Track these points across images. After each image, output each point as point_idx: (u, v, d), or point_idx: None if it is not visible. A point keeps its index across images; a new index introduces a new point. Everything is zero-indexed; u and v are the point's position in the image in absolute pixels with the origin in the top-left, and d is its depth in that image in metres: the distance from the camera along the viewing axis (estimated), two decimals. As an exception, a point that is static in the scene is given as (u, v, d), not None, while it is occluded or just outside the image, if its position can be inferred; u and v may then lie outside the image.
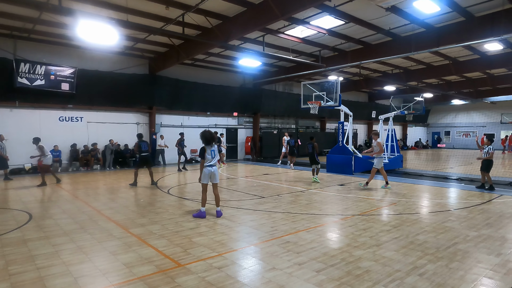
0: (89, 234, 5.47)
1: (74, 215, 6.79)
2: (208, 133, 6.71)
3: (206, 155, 6.57)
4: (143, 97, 17.09)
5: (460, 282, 3.71)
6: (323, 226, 6.07)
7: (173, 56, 15.48)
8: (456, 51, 16.11)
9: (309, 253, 4.61)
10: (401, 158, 15.72)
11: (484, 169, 9.74)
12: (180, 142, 15.02)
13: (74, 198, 8.68)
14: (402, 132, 35.99)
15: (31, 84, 13.62)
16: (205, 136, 6.64)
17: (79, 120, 15.52)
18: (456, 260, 4.38)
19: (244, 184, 11.19)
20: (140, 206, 7.70)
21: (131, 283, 3.68)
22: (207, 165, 6.58)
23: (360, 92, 29.62)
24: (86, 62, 15.39)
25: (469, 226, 5.98)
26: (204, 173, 6.57)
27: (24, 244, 4.97)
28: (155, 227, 5.88)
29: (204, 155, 6.56)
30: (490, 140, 9.88)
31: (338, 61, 16.27)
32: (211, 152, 6.64)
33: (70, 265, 4.19)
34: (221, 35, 12.18)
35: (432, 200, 8.53)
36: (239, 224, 6.13)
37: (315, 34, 13.59)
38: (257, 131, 22.22)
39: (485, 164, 9.73)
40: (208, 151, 6.59)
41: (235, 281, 3.74)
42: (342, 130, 14.07)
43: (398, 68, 20.19)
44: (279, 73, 20.13)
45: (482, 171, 9.86)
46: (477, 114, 35.18)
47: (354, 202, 8.07)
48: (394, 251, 4.68)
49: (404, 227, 5.91)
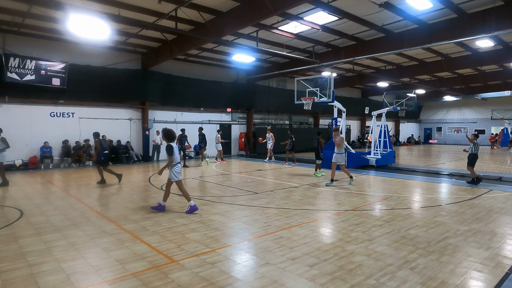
0: (81, 231, 5.44)
1: (66, 211, 6.73)
2: (171, 130, 6.77)
3: (175, 152, 6.58)
4: (135, 93, 16.93)
5: (450, 276, 3.77)
6: (316, 221, 6.11)
7: (166, 51, 15.35)
8: (448, 48, 16.24)
9: (302, 248, 4.64)
10: (393, 154, 15.86)
11: (471, 162, 10.10)
12: (180, 139, 14.94)
13: (66, 194, 8.60)
14: (395, 128, 36.29)
15: (21, 79, 13.40)
16: (169, 133, 6.68)
17: (70, 116, 15.33)
18: (447, 254, 4.45)
19: (237, 180, 11.19)
20: (133, 202, 7.66)
21: (124, 279, 3.67)
22: (177, 163, 6.66)
23: (353, 88, 29.75)
24: (77, 57, 15.18)
25: (459, 220, 6.08)
26: (177, 170, 6.63)
27: (15, 241, 4.91)
28: (148, 223, 5.86)
29: (173, 152, 6.54)
30: (476, 136, 10.25)
31: (331, 57, 16.30)
32: (176, 149, 6.68)
33: (62, 261, 4.16)
34: (215, 30, 12.11)
35: (423, 195, 8.64)
36: (232, 220, 6.13)
37: (309, 30, 13.59)
38: (250, 127, 22.21)
39: (471, 159, 10.11)
40: (175, 148, 6.61)
41: (228, 277, 3.75)
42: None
43: (391, 64, 20.30)
44: (272, 69, 20.10)
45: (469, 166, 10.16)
46: (468, 110, 35.60)
47: (347, 198, 8.13)
48: (386, 246, 4.73)
49: (396, 222, 5.98)
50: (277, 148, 21.09)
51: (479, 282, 3.65)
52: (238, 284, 3.57)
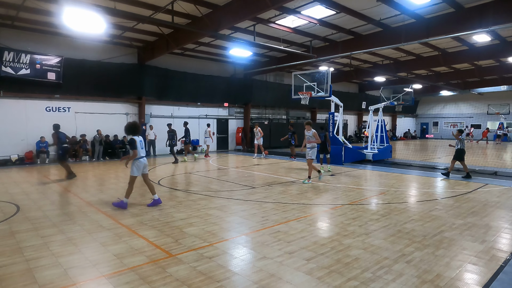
0: (78, 226, 5.43)
1: (63, 206, 6.72)
2: (134, 123, 6.69)
3: (138, 147, 6.49)
4: (132, 87, 16.83)
5: (446, 269, 3.82)
6: (314, 215, 6.14)
7: (162, 45, 15.24)
8: (445, 42, 16.24)
9: (299, 242, 4.67)
10: (390, 149, 15.92)
11: (457, 157, 10.37)
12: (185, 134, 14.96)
13: (62, 189, 8.58)
14: (392, 122, 36.40)
15: (16, 73, 13.27)
16: (132, 126, 6.58)
17: (66, 111, 15.22)
18: (442, 247, 4.49)
19: (235, 174, 11.20)
20: (130, 197, 7.63)
21: (122, 273, 3.68)
22: (140, 157, 6.55)
23: (350, 83, 29.75)
24: (73, 51, 15.03)
25: (455, 214, 6.13)
26: (138, 166, 6.52)
27: (12, 236, 4.90)
28: (146, 218, 5.87)
29: (136, 146, 6.44)
30: (460, 132, 10.56)
31: (329, 51, 16.26)
32: (140, 143, 6.58)
33: (60, 256, 4.16)
34: (211, 24, 12.02)
35: (420, 190, 8.69)
36: (230, 214, 6.15)
37: (306, 24, 13.52)
38: (248, 122, 22.18)
39: (458, 153, 10.36)
40: (137, 142, 6.50)
41: (226, 270, 3.77)
42: (332, 121, 14.14)
43: (388, 59, 20.28)
44: (270, 63, 20.04)
45: (455, 160, 10.46)
46: (465, 105, 35.76)
47: (344, 192, 8.17)
48: (382, 240, 4.77)
49: (392, 216, 6.02)
50: (277, 144, 21.13)
51: (474, 275, 3.69)
52: (236, 278, 3.59)
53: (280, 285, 3.43)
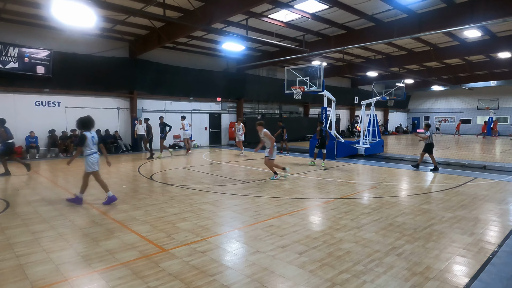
0: (69, 221, 5.38)
1: (54, 202, 6.65)
2: (87, 118, 6.47)
3: (88, 142, 6.31)
4: (123, 82, 16.64)
5: (435, 261, 3.88)
6: (306, 209, 6.18)
7: (154, 39, 15.05)
8: (436, 37, 16.36)
9: (292, 236, 4.70)
10: (382, 143, 16.06)
11: (426, 150, 10.79)
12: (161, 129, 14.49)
13: (53, 185, 8.48)
14: (384, 117, 36.68)
15: (4, 67, 13.00)
16: (83, 121, 6.38)
17: (56, 105, 14.99)
18: (432, 240, 4.56)
19: (227, 169, 11.20)
20: (122, 192, 7.60)
21: (115, 268, 3.67)
22: (93, 153, 6.40)
23: (343, 77, 29.85)
24: (63, 44, 14.76)
25: (445, 208, 6.23)
26: (92, 161, 6.37)
27: (1, 232, 4.84)
28: (138, 213, 5.84)
29: (84, 143, 6.27)
30: (428, 126, 11.05)
31: (321, 46, 16.26)
32: (92, 139, 6.41)
33: (51, 252, 4.13)
34: (204, 17, 11.91)
35: (411, 184, 8.80)
36: (223, 209, 6.16)
37: (299, 18, 13.49)
38: (241, 117, 22.11)
39: (427, 146, 10.75)
40: (89, 138, 6.34)
41: (219, 265, 3.78)
42: (325, 116, 14.19)
43: (380, 54, 20.37)
44: (262, 57, 19.98)
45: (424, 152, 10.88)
46: (455, 100, 36.16)
47: (336, 186, 8.23)
48: (373, 233, 4.83)
49: (383, 209, 6.10)
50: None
51: (463, 266, 3.77)
52: (229, 272, 3.61)
53: (273, 279, 3.45)
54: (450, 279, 3.47)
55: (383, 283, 3.37)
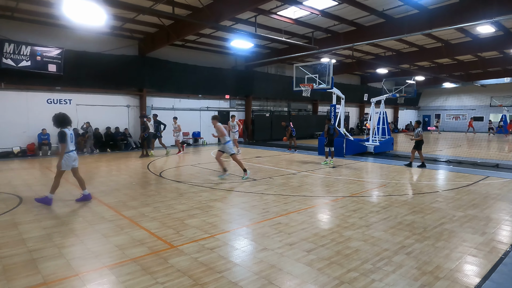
0: (80, 217, 5.47)
1: (65, 198, 6.76)
2: (63, 114, 6.34)
3: (68, 140, 6.22)
4: (133, 79, 16.78)
5: (446, 260, 3.83)
6: (314, 207, 6.16)
7: (163, 37, 15.14)
8: (448, 34, 16.07)
9: (300, 233, 4.69)
10: (391, 141, 15.89)
11: (416, 147, 10.98)
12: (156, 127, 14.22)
13: (64, 181, 8.60)
14: (393, 115, 36.25)
15: (17, 65, 13.23)
16: (60, 117, 6.25)
17: (67, 103, 15.21)
18: (442, 239, 4.50)
19: (236, 166, 11.20)
20: (132, 189, 7.69)
21: (124, 264, 3.71)
22: (69, 151, 6.28)
23: (352, 74, 29.57)
24: (73, 42, 14.95)
25: (455, 206, 6.14)
26: (68, 160, 6.22)
27: (14, 227, 4.94)
28: (147, 210, 5.90)
29: (65, 139, 6.14)
30: (418, 123, 11.31)
31: (331, 43, 16.13)
32: (70, 136, 6.32)
33: (62, 247, 4.20)
34: (212, 15, 11.91)
35: (421, 182, 8.69)
36: (231, 206, 6.18)
37: (308, 15, 13.39)
38: (249, 114, 22.14)
39: (417, 143, 10.96)
40: (68, 135, 6.24)
41: (227, 262, 3.80)
42: (334, 113, 14.09)
43: (390, 50, 20.12)
44: (271, 55, 19.91)
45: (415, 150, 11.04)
46: (467, 97, 35.54)
47: (345, 184, 8.18)
48: (382, 231, 4.79)
49: (393, 208, 6.04)
50: (278, 136, 21.18)
51: (474, 266, 3.71)
52: (237, 269, 3.62)
53: (281, 276, 3.45)
54: (461, 279, 3.42)
55: (392, 282, 3.34)
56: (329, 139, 11.61)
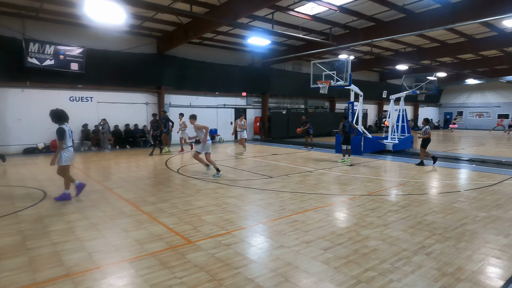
0: (101, 212, 5.62)
1: (86, 193, 6.95)
2: (60, 110, 6.31)
3: (67, 136, 6.23)
4: (151, 77, 17.06)
5: (467, 262, 3.73)
6: (331, 205, 6.11)
7: (181, 35, 15.29)
8: (472, 28, 15.54)
9: (316, 232, 4.67)
10: (411, 139, 15.54)
11: (423, 145, 10.88)
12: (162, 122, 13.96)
13: (86, 176, 8.87)
14: (413, 112, 35.40)
15: (41, 64, 13.68)
16: (57, 113, 6.22)
17: (89, 100, 15.62)
18: (464, 240, 4.38)
19: (252, 164, 11.25)
20: (150, 185, 7.84)
21: (143, 258, 3.80)
22: (68, 147, 6.28)
23: (371, 71, 29.06)
24: (94, 41, 15.32)
25: (478, 207, 5.95)
26: (67, 155, 6.23)
27: (39, 221, 5.13)
28: (165, 205, 6.00)
29: (64, 136, 6.12)
30: (426, 121, 11.35)
31: (349, 39, 15.88)
32: (68, 132, 6.31)
33: (84, 240, 4.33)
34: (229, 12, 11.94)
35: (441, 181, 8.47)
36: (247, 203, 6.21)
37: (326, 10, 13.23)
38: (265, 111, 22.12)
39: (423, 141, 10.88)
40: (67, 131, 6.24)
41: (243, 258, 3.83)
42: (352, 111, 13.90)
43: (411, 46, 19.63)
44: (288, 52, 19.79)
45: (422, 148, 10.90)
46: (492, 94, 34.30)
47: (363, 183, 8.07)
48: (401, 231, 4.70)
49: (412, 207, 5.91)
50: (294, 134, 21.06)
51: (497, 268, 3.60)
52: (253, 266, 3.64)
53: (297, 274, 3.45)
54: (483, 281, 3.32)
55: (411, 282, 3.28)
56: (345, 137, 11.43)
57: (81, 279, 3.33)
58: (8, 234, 4.55)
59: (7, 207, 5.85)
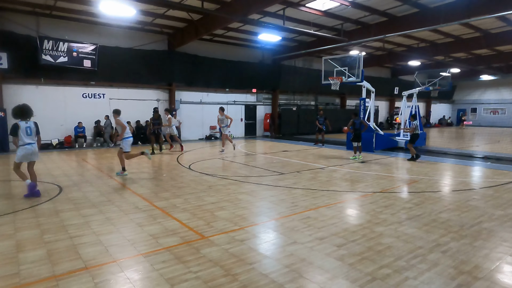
0: (116, 207, 5.70)
1: (101, 188, 7.07)
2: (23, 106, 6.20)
3: (20, 133, 6.03)
4: (162, 74, 17.18)
5: (484, 260, 3.67)
6: (344, 202, 6.08)
7: (192, 32, 15.33)
8: (488, 23, 15.19)
9: (329, 228, 4.65)
10: (424, 136, 15.32)
11: (411, 141, 11.09)
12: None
13: (99, 172, 9.01)
14: (426, 108, 34.87)
15: (55, 61, 13.90)
16: (19, 110, 6.12)
17: (101, 97, 15.81)
18: (481, 238, 4.31)
19: (263, 160, 11.25)
20: (163, 180, 7.92)
21: (158, 253, 3.85)
22: (25, 144, 6.12)
23: (382, 67, 28.66)
24: (106, 38, 15.48)
25: (494, 205, 5.85)
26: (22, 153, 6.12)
27: (56, 215, 5.24)
28: (178, 201, 6.06)
29: (17, 133, 5.99)
30: (413, 117, 11.56)
31: (361, 35, 15.70)
32: (26, 129, 6.12)
33: (100, 235, 4.41)
34: (240, 8, 11.91)
35: (456, 179, 8.34)
36: (259, 199, 6.22)
37: (338, 6, 13.08)
38: (276, 108, 22.07)
39: (411, 137, 11.11)
40: (22, 128, 6.07)
41: (257, 254, 3.84)
42: (363, 107, 13.76)
43: (424, 41, 19.30)
44: (299, 48, 19.66)
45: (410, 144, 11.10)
46: (507, 90, 33.53)
47: (375, 180, 8.00)
48: (416, 228, 4.65)
49: (426, 205, 5.84)
50: (305, 130, 20.98)
51: (516, 267, 3.53)
52: (267, 261, 3.65)
53: (311, 270, 3.45)
54: (502, 280, 3.27)
55: (427, 280, 3.25)
56: (355, 134, 11.32)
57: (98, 272, 3.39)
58: (27, 228, 4.66)
59: (25, 202, 5.99)
